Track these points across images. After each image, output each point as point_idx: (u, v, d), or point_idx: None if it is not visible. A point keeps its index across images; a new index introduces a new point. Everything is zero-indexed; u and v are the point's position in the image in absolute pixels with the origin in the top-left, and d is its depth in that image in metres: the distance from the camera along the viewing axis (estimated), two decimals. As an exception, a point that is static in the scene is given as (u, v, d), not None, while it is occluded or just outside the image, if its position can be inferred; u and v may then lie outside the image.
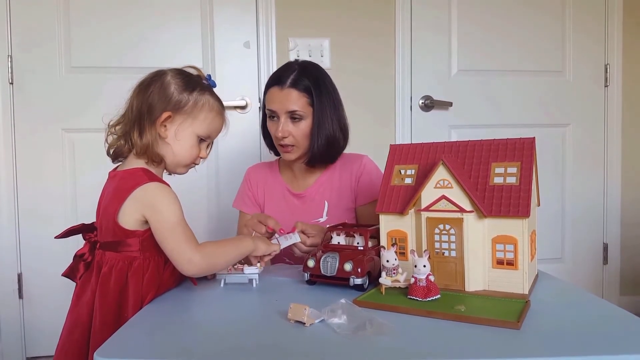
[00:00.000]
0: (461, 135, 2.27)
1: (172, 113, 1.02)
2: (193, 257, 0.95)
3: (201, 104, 1.05)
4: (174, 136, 1.04)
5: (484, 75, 2.30)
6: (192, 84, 1.05)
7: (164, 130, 1.03)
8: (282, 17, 2.14)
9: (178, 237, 0.96)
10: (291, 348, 0.70)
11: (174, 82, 1.04)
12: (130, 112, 1.04)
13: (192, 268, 0.96)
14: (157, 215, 0.96)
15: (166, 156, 1.05)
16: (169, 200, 0.98)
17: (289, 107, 1.35)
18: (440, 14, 2.26)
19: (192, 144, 1.06)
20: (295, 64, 1.42)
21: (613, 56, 2.38)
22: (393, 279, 0.91)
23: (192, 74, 1.09)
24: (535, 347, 0.68)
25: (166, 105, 1.02)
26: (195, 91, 1.05)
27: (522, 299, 0.86)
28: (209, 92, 1.08)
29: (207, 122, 1.07)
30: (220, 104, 1.10)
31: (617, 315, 0.81)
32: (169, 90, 1.03)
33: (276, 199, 1.52)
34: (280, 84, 1.36)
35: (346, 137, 1.46)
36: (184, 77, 1.06)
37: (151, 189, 0.98)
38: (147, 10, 2.06)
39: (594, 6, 2.35)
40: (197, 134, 1.06)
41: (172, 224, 0.96)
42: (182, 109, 1.03)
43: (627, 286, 2.46)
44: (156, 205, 0.97)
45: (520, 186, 0.90)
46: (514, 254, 0.89)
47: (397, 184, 1.02)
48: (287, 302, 0.81)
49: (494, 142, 0.98)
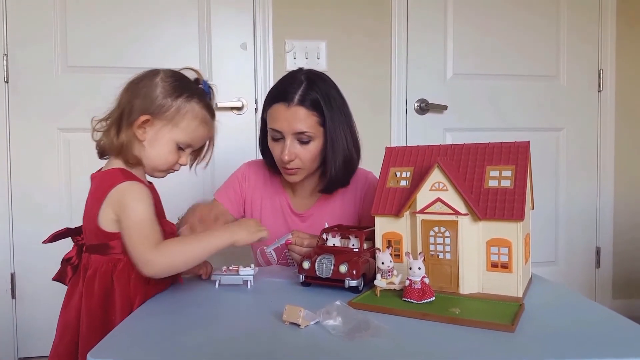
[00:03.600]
0: (456, 139, 2.27)
1: (151, 117, 0.98)
2: (150, 256, 0.91)
3: (184, 111, 1.00)
4: (151, 140, 1.00)
5: (479, 79, 2.32)
6: (180, 89, 1.01)
7: (142, 132, 0.99)
8: (279, 19, 2.14)
9: (137, 237, 0.92)
10: (286, 350, 0.70)
11: (161, 85, 0.99)
12: (116, 109, 1.01)
13: (150, 269, 0.92)
14: (122, 213, 0.94)
15: (143, 159, 1.01)
16: (136, 198, 0.94)
17: (296, 128, 1.20)
18: (436, 17, 2.27)
19: (170, 150, 1.02)
20: (301, 74, 1.25)
21: (607, 61, 2.40)
22: (388, 281, 0.91)
23: (186, 77, 1.05)
24: (530, 350, 0.68)
25: (147, 107, 0.98)
26: (182, 97, 1.00)
27: (516, 301, 0.87)
28: (198, 98, 1.03)
29: (188, 131, 1.02)
30: (207, 112, 1.05)
31: (611, 318, 0.82)
32: (154, 93, 0.99)
33: (274, 212, 1.39)
34: (287, 101, 1.20)
35: (359, 152, 1.32)
36: (174, 80, 1.02)
37: (122, 188, 0.95)
38: (145, 10, 2.06)
39: (588, 11, 2.37)
40: (176, 141, 1.02)
41: (134, 223, 0.93)
42: (163, 114, 0.99)
43: (619, 290, 2.48)
44: (123, 204, 0.94)
45: (515, 189, 0.91)
46: (508, 257, 0.90)
47: (392, 186, 1.02)
48: (282, 303, 0.81)
49: (488, 145, 0.99)
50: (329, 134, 1.23)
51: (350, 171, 1.30)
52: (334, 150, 1.24)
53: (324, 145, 1.24)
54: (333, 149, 1.24)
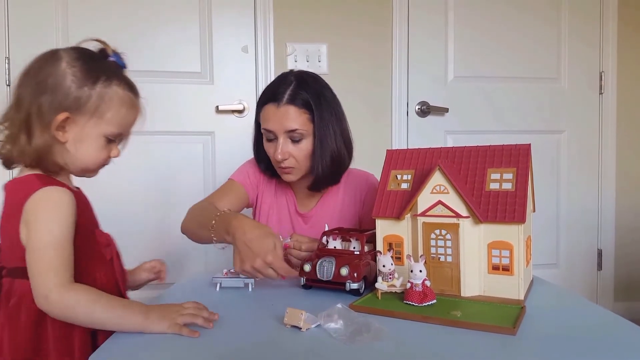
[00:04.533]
0: (457, 141, 2.28)
1: (70, 114, 0.82)
2: (53, 294, 0.74)
3: (108, 98, 0.84)
4: (75, 140, 0.84)
5: (480, 82, 2.32)
6: (94, 72, 0.84)
7: (62, 133, 0.83)
8: (280, 22, 2.15)
9: (42, 264, 0.76)
10: (287, 353, 0.70)
11: (70, 72, 0.82)
12: (16, 109, 0.83)
13: (46, 306, 0.75)
14: (30, 231, 0.78)
15: (68, 163, 0.86)
16: (49, 213, 0.79)
17: (287, 126, 1.21)
18: (437, 20, 2.28)
19: (99, 146, 0.87)
20: (291, 75, 1.27)
21: (608, 63, 2.40)
22: (389, 283, 0.91)
23: (93, 53, 0.87)
24: (532, 353, 0.68)
25: (61, 103, 0.81)
26: (100, 82, 0.84)
27: (517, 304, 0.87)
28: (117, 78, 0.87)
29: (116, 120, 0.87)
30: (132, 91, 0.89)
31: (613, 321, 0.82)
32: (65, 84, 0.82)
33: (280, 211, 1.39)
34: (277, 101, 1.21)
35: (351, 152, 1.32)
36: (83, 62, 0.84)
37: (36, 198, 0.79)
38: (146, 13, 2.07)
39: (589, 13, 2.37)
40: (104, 135, 0.86)
41: (42, 244, 0.76)
42: (84, 108, 0.83)
43: (621, 292, 2.47)
44: (31, 219, 0.78)
45: (516, 192, 0.91)
46: (509, 259, 0.90)
47: (393, 189, 1.02)
48: (283, 306, 0.81)
49: (489, 148, 0.99)
50: (317, 130, 1.23)
51: (339, 170, 1.30)
52: (322, 147, 1.24)
53: (314, 142, 1.25)
54: (321, 146, 1.24)
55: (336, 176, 1.31)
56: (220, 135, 2.13)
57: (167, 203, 2.08)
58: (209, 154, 2.14)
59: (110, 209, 2.03)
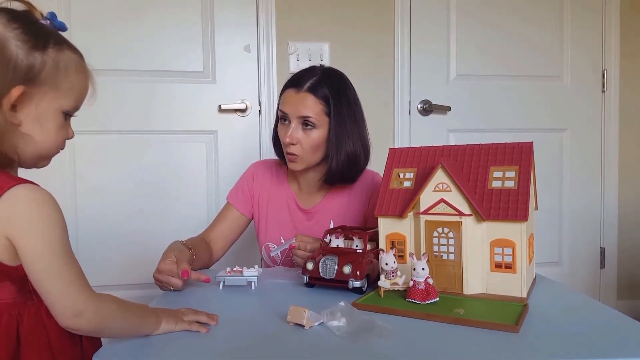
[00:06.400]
0: (459, 140, 2.27)
1: (25, 87, 0.67)
2: (87, 310, 0.66)
3: (63, 65, 0.71)
4: (32, 120, 0.69)
5: (482, 80, 2.32)
6: (42, 35, 0.70)
7: (13, 114, 0.68)
8: (283, 21, 2.15)
9: (62, 280, 0.65)
10: (290, 351, 0.70)
11: (12, 36, 0.67)
12: None
13: (78, 324, 0.66)
14: (27, 246, 0.65)
15: (21, 151, 0.70)
16: (46, 219, 0.66)
17: (302, 112, 1.24)
18: (438, 19, 2.27)
19: (59, 125, 0.73)
20: (319, 68, 1.31)
21: (610, 61, 2.39)
22: (392, 281, 0.92)
23: (30, 13, 0.72)
24: (535, 351, 0.68)
25: (12, 75, 0.66)
26: (50, 46, 0.70)
27: (520, 302, 0.87)
28: (65, 43, 0.74)
29: (75, 91, 0.74)
30: (81, 56, 0.77)
31: (616, 319, 0.82)
32: (10, 51, 0.66)
33: (280, 209, 1.40)
34: (298, 87, 1.26)
35: (367, 156, 1.33)
36: (23, 23, 0.69)
37: (22, 198, 0.66)
38: (148, 13, 2.07)
39: (592, 12, 2.37)
40: (63, 111, 0.73)
41: (54, 259, 0.65)
42: (38, 79, 0.68)
43: (624, 290, 2.47)
44: (22, 229, 0.65)
45: (519, 190, 0.91)
46: (512, 257, 0.90)
47: (395, 187, 1.03)
48: (286, 304, 0.81)
49: (492, 146, 0.99)
50: (334, 125, 1.25)
51: (355, 169, 1.31)
52: (338, 142, 1.26)
53: (327, 136, 1.27)
54: (337, 141, 1.26)
55: (351, 175, 1.32)
56: (223, 135, 2.14)
57: (170, 202, 2.09)
58: (212, 153, 2.14)
59: (112, 209, 2.06)
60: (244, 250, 1.80)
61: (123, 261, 2.04)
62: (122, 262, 2.04)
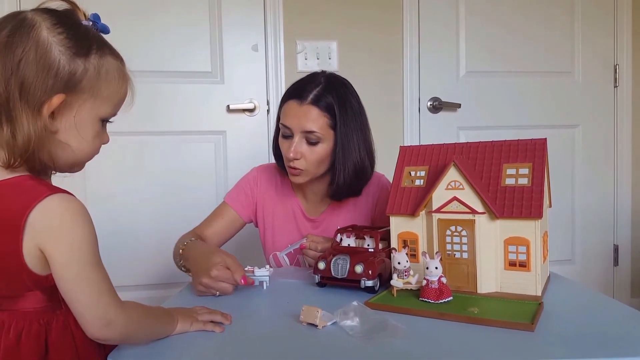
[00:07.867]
0: (470, 137, 2.25)
1: (66, 95, 0.66)
2: (117, 319, 0.66)
3: (104, 71, 0.70)
4: (68, 128, 0.69)
5: (492, 77, 2.30)
6: (85, 41, 0.69)
7: (52, 121, 0.67)
8: (290, 20, 2.14)
9: (92, 289, 0.65)
10: (304, 351, 0.70)
11: (56, 41, 0.65)
12: None
13: (108, 334, 0.66)
14: (59, 249, 0.64)
15: (57, 158, 0.69)
16: (80, 227, 0.65)
17: (305, 127, 1.18)
18: (448, 15, 2.26)
19: (96, 132, 0.72)
20: (322, 76, 1.24)
21: (622, 56, 2.36)
22: (405, 281, 0.91)
23: (74, 15, 0.70)
24: (551, 349, 0.67)
25: (54, 82, 0.65)
26: (93, 52, 0.69)
27: (535, 300, 0.86)
28: (108, 47, 0.73)
29: (114, 98, 0.73)
30: (122, 61, 0.76)
31: (631, 317, 0.81)
32: (51, 57, 0.65)
33: (286, 217, 1.37)
34: (300, 98, 1.19)
35: (373, 164, 1.29)
36: (67, 28, 0.67)
37: (54, 207, 0.64)
38: (155, 14, 2.07)
39: (603, 6, 2.34)
40: (100, 118, 0.72)
41: (86, 268, 0.65)
42: (80, 86, 0.67)
43: (638, 288, 2.44)
44: (55, 238, 0.64)
45: (532, 187, 0.90)
46: (526, 255, 0.89)
47: (407, 186, 1.02)
48: (299, 304, 0.81)
49: (505, 143, 0.98)
50: (339, 139, 1.20)
51: (361, 181, 1.27)
52: (344, 155, 1.21)
53: (332, 149, 1.22)
54: (343, 155, 1.21)
55: (358, 187, 1.28)
56: (232, 135, 2.14)
57: (179, 203, 2.09)
58: (221, 153, 2.14)
59: (121, 209, 2.06)
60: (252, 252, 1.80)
61: (131, 261, 2.05)
62: (130, 263, 2.04)
